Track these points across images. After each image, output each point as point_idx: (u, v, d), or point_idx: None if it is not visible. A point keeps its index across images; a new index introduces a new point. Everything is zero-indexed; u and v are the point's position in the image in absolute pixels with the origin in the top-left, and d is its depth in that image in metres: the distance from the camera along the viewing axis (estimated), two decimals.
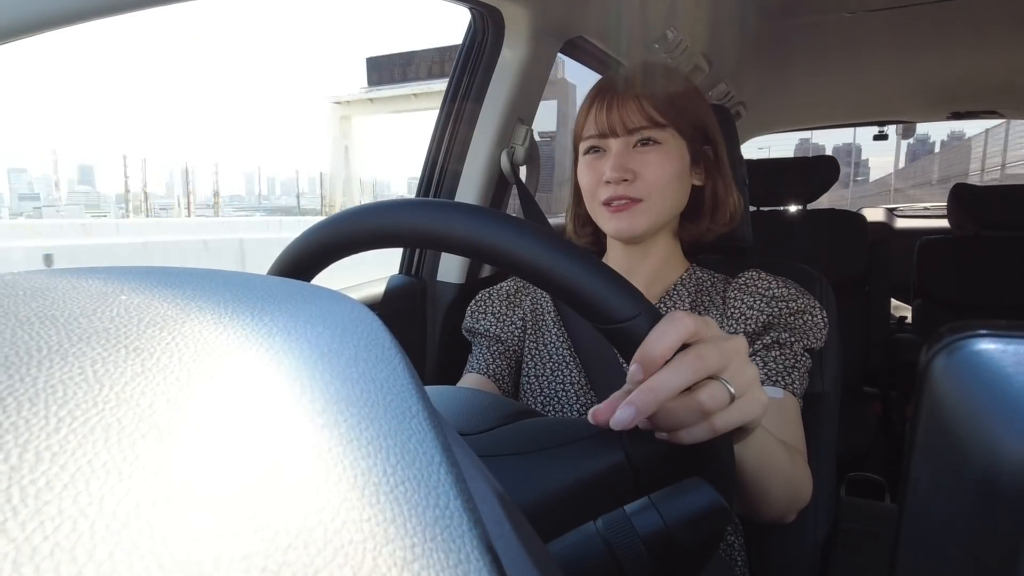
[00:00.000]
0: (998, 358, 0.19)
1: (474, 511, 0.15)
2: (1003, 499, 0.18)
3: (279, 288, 0.20)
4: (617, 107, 0.73)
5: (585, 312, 0.38)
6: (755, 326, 0.72)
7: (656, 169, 0.72)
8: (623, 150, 0.73)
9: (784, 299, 0.72)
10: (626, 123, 0.72)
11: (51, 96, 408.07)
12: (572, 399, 0.77)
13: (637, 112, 0.72)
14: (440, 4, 1.00)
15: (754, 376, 0.41)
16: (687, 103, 0.75)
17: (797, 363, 0.70)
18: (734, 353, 0.40)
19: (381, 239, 0.43)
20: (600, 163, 0.74)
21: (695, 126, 0.75)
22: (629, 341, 0.38)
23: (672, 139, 0.73)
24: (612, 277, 0.38)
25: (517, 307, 0.86)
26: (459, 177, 1.15)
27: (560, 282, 0.38)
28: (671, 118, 0.73)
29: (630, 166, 0.72)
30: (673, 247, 0.81)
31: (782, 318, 0.71)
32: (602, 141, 0.75)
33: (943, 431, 0.20)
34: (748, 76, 1.97)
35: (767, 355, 0.71)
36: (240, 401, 0.14)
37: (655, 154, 0.72)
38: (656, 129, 0.72)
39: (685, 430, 0.39)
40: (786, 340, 0.70)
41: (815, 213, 2.12)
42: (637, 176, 0.72)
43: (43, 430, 0.12)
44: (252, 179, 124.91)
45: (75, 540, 0.10)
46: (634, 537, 0.34)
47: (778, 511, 0.60)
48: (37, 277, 0.19)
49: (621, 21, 1.26)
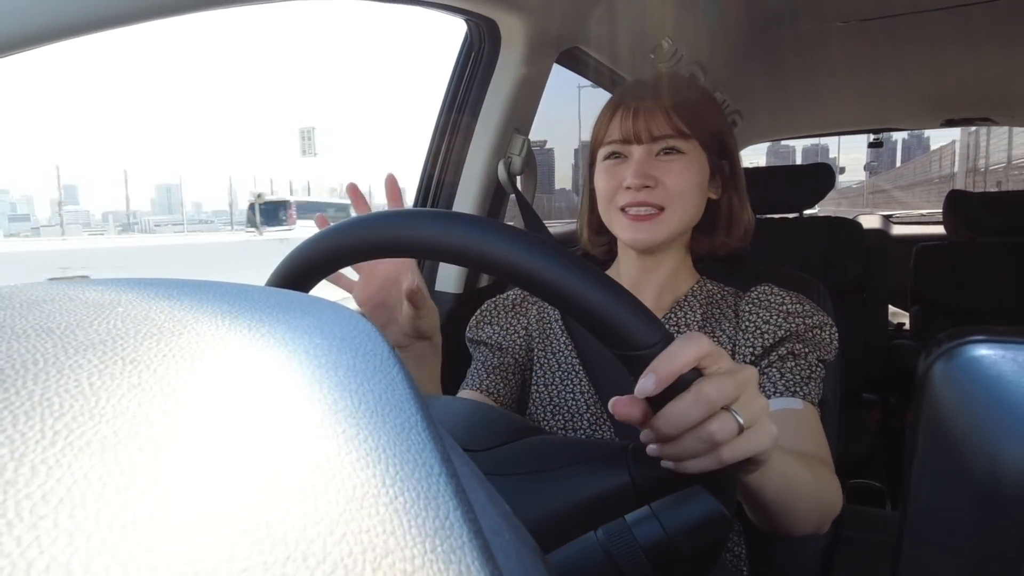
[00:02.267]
0: (996, 364, 0.19)
1: (474, 521, 0.14)
2: (1004, 504, 0.18)
3: (277, 299, 0.20)
4: (644, 115, 0.73)
5: (604, 338, 0.38)
6: (771, 340, 0.72)
7: (678, 178, 0.72)
8: (645, 157, 0.73)
9: (800, 315, 0.72)
10: (652, 131, 0.72)
11: (28, 113, 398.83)
12: (582, 409, 0.76)
13: (664, 121, 0.72)
14: (436, 16, 1.01)
15: (764, 408, 0.42)
16: (709, 115, 0.75)
17: (813, 373, 0.70)
18: (746, 384, 0.40)
19: (394, 249, 0.42)
20: (620, 169, 0.74)
21: (715, 139, 0.76)
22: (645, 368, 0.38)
23: (695, 150, 0.74)
24: (634, 304, 0.38)
25: (522, 316, 0.86)
26: (456, 187, 1.16)
27: (582, 306, 0.37)
28: (695, 129, 0.73)
29: (652, 173, 0.72)
30: (684, 259, 0.81)
31: (798, 333, 0.72)
32: (624, 147, 0.75)
33: (942, 437, 0.20)
34: (743, 85, 1.98)
35: (783, 366, 0.70)
36: (238, 413, 0.14)
37: (678, 163, 0.73)
38: (681, 139, 0.73)
39: (692, 460, 0.40)
40: (800, 351, 0.70)
41: (811, 220, 2.13)
42: (659, 183, 0.72)
43: (39, 443, 0.12)
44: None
45: (71, 554, 0.10)
46: (635, 546, 0.34)
47: (811, 525, 0.59)
48: (33, 289, 0.19)
49: (617, 31, 1.27)
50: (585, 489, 0.40)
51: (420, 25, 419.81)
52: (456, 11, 1.01)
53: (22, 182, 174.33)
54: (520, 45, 1.07)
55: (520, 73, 1.09)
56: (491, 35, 1.09)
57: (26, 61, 34.63)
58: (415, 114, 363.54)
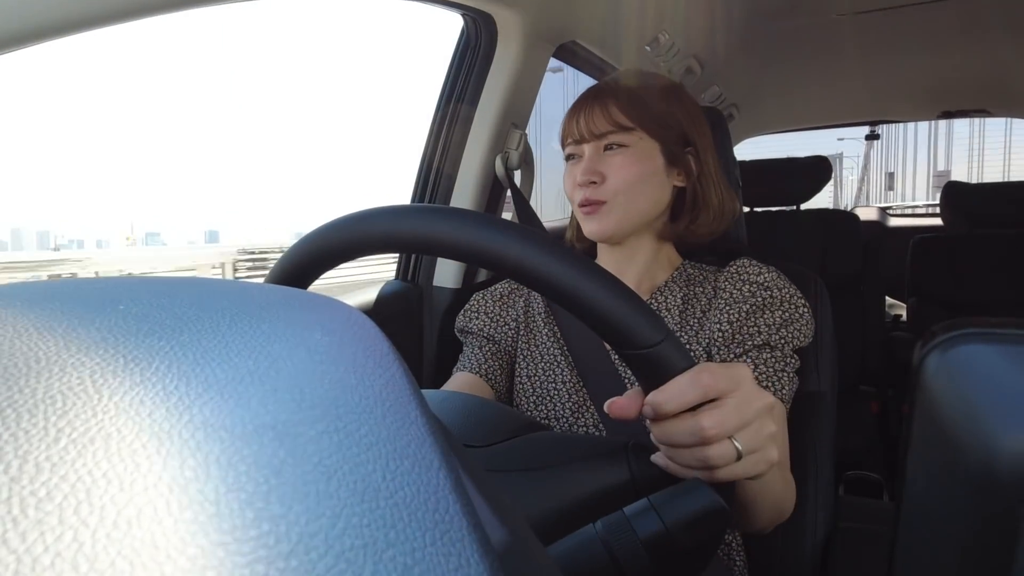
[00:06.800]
0: (990, 355, 0.19)
1: (473, 515, 0.15)
2: (998, 493, 0.18)
3: (276, 295, 0.20)
4: (584, 114, 0.76)
5: (606, 336, 0.38)
6: (740, 314, 0.73)
7: (620, 171, 0.74)
8: (593, 155, 0.76)
9: (769, 286, 0.73)
10: (592, 129, 0.75)
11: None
12: (564, 398, 0.77)
13: (602, 118, 0.75)
14: (432, 10, 1.01)
15: (770, 435, 0.43)
16: (660, 106, 0.76)
17: (787, 366, 0.71)
18: (755, 416, 0.41)
19: (392, 245, 0.41)
20: (575, 168, 0.77)
21: (669, 128, 0.76)
22: (648, 368, 0.39)
23: (640, 141, 0.75)
24: (636, 303, 0.38)
25: (511, 308, 0.87)
26: (453, 181, 1.16)
27: (584, 305, 0.37)
28: (639, 121, 0.75)
29: (598, 169, 0.75)
30: (660, 248, 0.82)
31: (769, 305, 0.72)
32: (577, 148, 0.78)
33: (937, 428, 0.20)
34: (740, 78, 1.98)
35: (758, 357, 0.71)
36: (238, 409, 0.14)
37: (621, 157, 0.75)
38: (622, 133, 0.75)
39: (687, 471, 0.41)
40: (777, 342, 0.71)
41: (808, 213, 2.13)
42: (605, 179, 0.75)
43: (42, 441, 0.12)
44: None
45: (76, 550, 0.10)
46: (634, 539, 0.34)
47: (760, 527, 0.62)
48: (35, 288, 0.19)
49: (614, 25, 1.26)
50: (585, 485, 0.40)
51: (417, 20, 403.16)
52: (453, 5, 1.00)
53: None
54: (517, 40, 1.07)
55: (517, 68, 1.09)
56: (488, 30, 1.08)
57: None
58: (412, 109, 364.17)
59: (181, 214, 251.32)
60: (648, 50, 1.43)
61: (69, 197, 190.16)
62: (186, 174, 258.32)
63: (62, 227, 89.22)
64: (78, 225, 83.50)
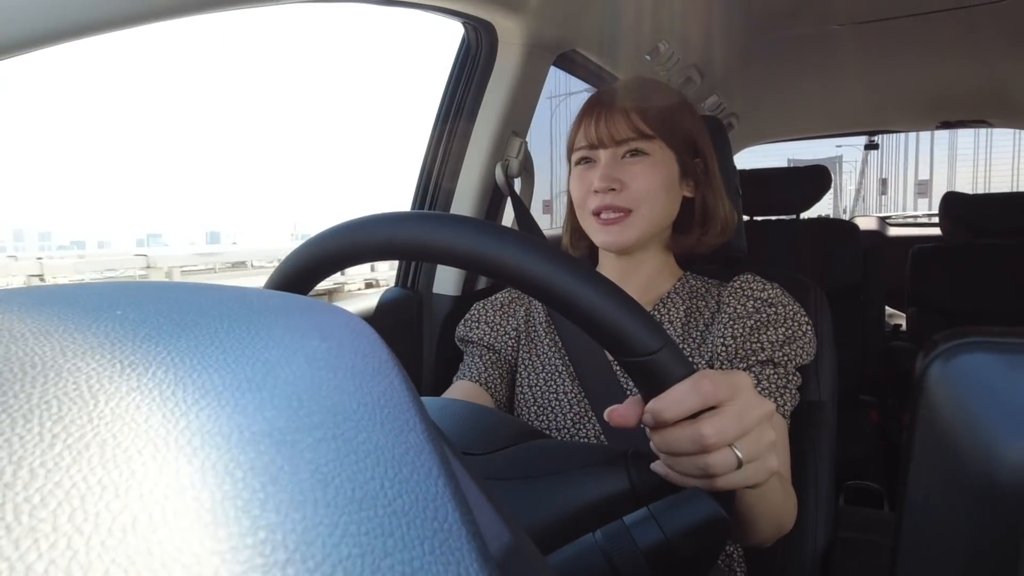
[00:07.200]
0: (992, 365, 0.19)
1: (472, 523, 0.14)
2: (1000, 504, 0.18)
3: (275, 301, 0.20)
4: (606, 119, 0.75)
5: (605, 343, 0.38)
6: (744, 329, 0.73)
7: (643, 179, 0.74)
8: (611, 161, 0.75)
9: (773, 303, 0.73)
10: (614, 135, 0.74)
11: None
12: (565, 408, 0.77)
13: (625, 124, 0.74)
14: (432, 18, 1.01)
15: (770, 444, 0.42)
16: (676, 116, 0.76)
17: (789, 383, 0.71)
18: (755, 424, 0.41)
19: (391, 252, 0.41)
20: (589, 173, 0.76)
21: (683, 138, 0.77)
22: (648, 375, 0.38)
23: (660, 151, 0.75)
24: (635, 310, 0.38)
25: (511, 317, 0.86)
26: (454, 189, 1.16)
27: (583, 312, 0.37)
28: (659, 130, 0.74)
29: (618, 176, 0.74)
30: (665, 258, 0.82)
31: (773, 322, 0.72)
32: (592, 152, 0.77)
33: (939, 438, 0.20)
34: (740, 87, 1.98)
35: (761, 372, 0.71)
36: (235, 415, 0.14)
37: (642, 165, 0.74)
38: (644, 140, 0.74)
39: (686, 479, 0.41)
40: (780, 359, 0.71)
41: (808, 222, 2.13)
42: (625, 186, 0.74)
43: (37, 446, 0.12)
44: None
45: (70, 558, 0.10)
46: (634, 549, 0.34)
47: (760, 540, 0.61)
48: (31, 293, 0.19)
49: (614, 34, 1.27)
50: (584, 494, 0.40)
51: (417, 28, 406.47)
52: (453, 14, 1.01)
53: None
54: (517, 48, 1.08)
55: (517, 76, 1.09)
56: (488, 38, 1.09)
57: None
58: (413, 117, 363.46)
59: (182, 215, 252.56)
60: (648, 59, 1.44)
61: (70, 198, 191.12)
62: (188, 176, 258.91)
63: (64, 228, 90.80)
64: (79, 226, 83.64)
